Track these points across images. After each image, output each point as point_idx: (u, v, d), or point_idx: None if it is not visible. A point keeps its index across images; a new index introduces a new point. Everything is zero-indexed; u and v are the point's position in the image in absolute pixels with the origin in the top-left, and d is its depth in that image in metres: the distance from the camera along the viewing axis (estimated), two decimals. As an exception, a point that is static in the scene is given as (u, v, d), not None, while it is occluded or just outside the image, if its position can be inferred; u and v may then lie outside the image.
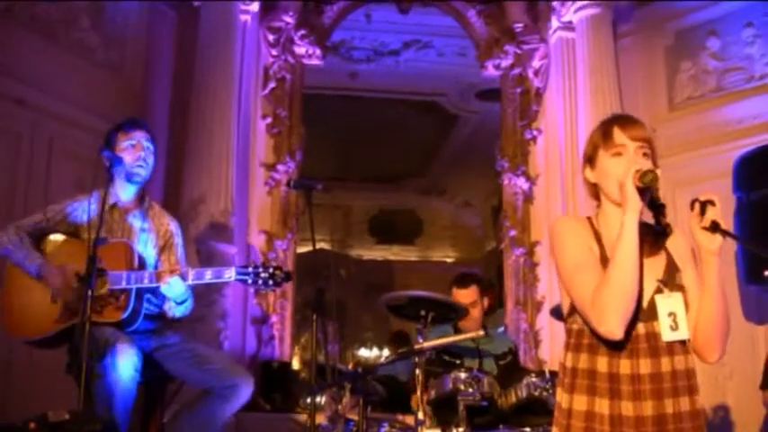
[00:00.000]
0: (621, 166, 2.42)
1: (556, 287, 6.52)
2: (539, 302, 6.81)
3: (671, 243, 2.51)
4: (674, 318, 2.37)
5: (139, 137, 4.10)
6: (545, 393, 4.10)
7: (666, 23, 6.98)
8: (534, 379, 4.16)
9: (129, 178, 4.06)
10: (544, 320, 6.64)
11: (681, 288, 2.43)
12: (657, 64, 6.96)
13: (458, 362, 4.69)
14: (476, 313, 5.06)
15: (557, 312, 5.06)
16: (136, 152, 4.04)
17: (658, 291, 2.42)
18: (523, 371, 4.93)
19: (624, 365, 2.36)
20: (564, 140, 6.85)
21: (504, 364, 5.01)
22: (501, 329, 6.45)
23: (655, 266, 2.46)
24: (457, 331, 4.96)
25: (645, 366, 2.35)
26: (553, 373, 4.13)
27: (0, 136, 5.41)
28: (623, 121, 2.52)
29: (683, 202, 2.45)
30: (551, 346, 6.60)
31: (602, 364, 2.38)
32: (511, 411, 4.20)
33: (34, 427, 3.08)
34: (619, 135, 2.47)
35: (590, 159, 2.56)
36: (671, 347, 2.37)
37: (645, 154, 2.45)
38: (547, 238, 6.87)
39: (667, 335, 2.36)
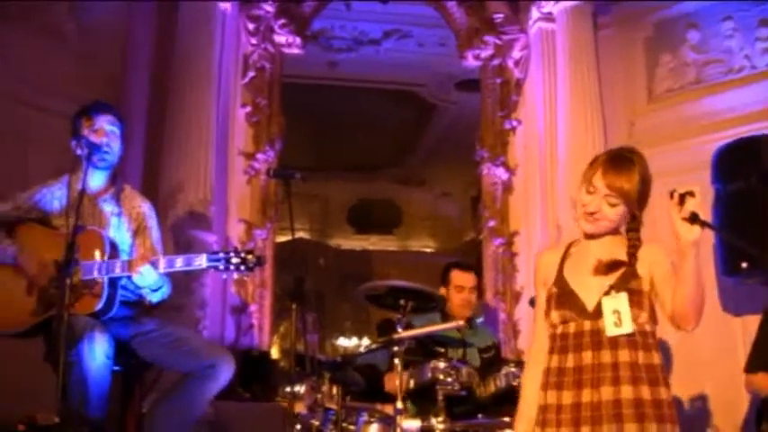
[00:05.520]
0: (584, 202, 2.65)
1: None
2: (517, 293, 6.81)
3: (641, 257, 2.62)
4: (618, 315, 2.54)
5: (102, 121, 4.05)
6: (523, 383, 4.11)
7: (646, 15, 6.97)
8: (513, 369, 4.20)
9: (95, 165, 4.01)
10: (523, 311, 6.64)
11: (629, 290, 2.57)
12: (637, 56, 6.97)
13: (442, 350, 4.69)
14: (473, 298, 5.17)
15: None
16: (98, 138, 3.99)
17: (606, 293, 2.59)
18: (502, 361, 4.96)
19: (570, 359, 2.59)
20: (543, 131, 6.86)
21: (488, 358, 5.03)
22: (481, 320, 6.46)
23: (608, 279, 2.62)
24: (444, 318, 4.97)
25: (587, 358, 2.55)
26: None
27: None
28: (609, 165, 2.63)
29: (661, 193, 2.48)
30: (530, 336, 6.62)
31: (554, 360, 2.63)
32: (489, 401, 4.23)
33: (23, 430, 3.05)
34: (598, 178, 2.61)
35: (582, 182, 2.70)
36: (614, 341, 2.54)
37: (611, 204, 2.60)
38: (525, 228, 6.91)
39: (611, 330, 2.54)
